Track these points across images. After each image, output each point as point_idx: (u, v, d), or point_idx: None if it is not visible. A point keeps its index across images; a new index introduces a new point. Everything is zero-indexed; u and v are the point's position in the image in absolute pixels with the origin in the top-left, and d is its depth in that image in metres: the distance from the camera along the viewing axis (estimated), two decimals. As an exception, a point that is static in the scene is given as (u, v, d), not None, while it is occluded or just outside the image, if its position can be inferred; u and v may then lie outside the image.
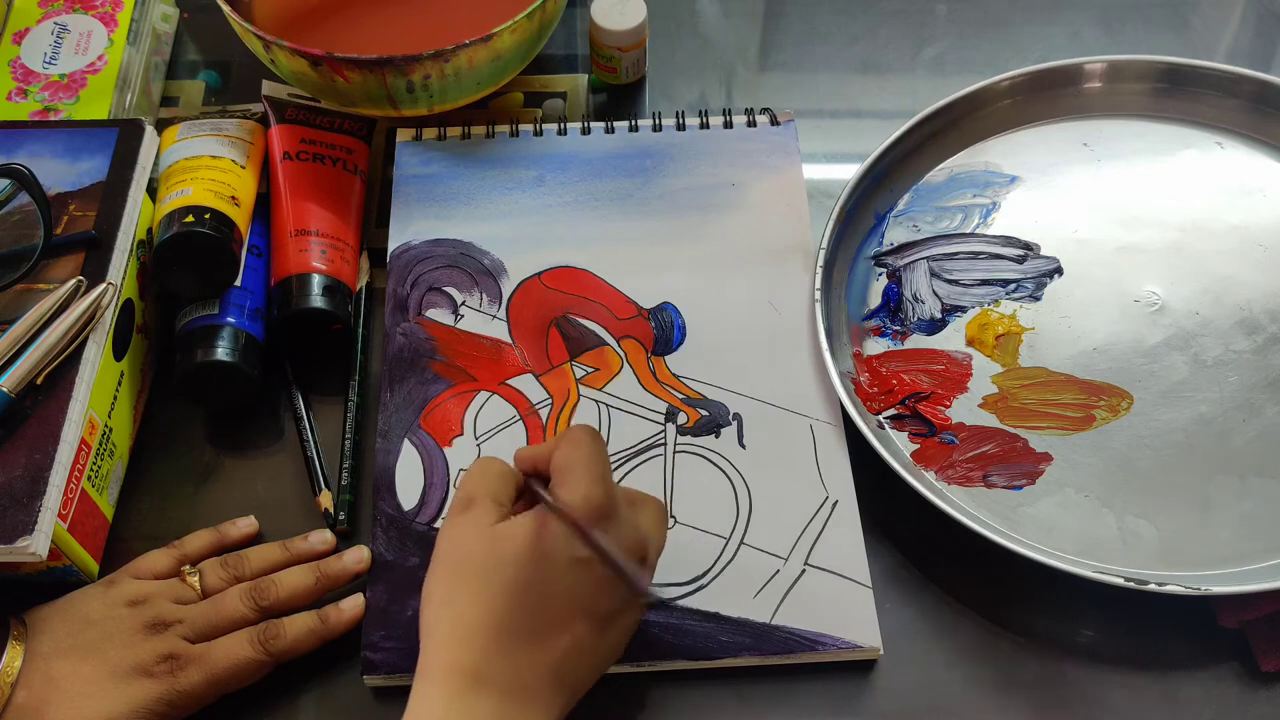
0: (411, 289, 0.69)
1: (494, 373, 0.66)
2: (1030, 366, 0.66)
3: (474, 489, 0.52)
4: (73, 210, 0.63)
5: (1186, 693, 0.57)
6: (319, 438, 0.65)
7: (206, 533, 0.61)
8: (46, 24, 0.76)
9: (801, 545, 0.60)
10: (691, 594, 0.59)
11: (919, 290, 0.69)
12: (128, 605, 0.56)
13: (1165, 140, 0.74)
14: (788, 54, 0.83)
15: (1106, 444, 0.63)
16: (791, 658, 0.57)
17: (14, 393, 0.57)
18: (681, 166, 0.73)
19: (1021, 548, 0.58)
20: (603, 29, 0.76)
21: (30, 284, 0.61)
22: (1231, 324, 0.67)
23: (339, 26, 0.76)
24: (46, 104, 0.72)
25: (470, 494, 0.52)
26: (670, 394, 0.65)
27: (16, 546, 0.54)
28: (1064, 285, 0.69)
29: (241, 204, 0.66)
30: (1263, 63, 0.81)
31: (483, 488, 0.52)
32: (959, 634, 0.59)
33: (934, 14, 0.85)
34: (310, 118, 0.73)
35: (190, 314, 0.64)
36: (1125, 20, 0.84)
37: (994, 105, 0.75)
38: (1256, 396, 0.64)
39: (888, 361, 0.67)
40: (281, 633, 0.56)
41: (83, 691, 0.53)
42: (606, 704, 0.57)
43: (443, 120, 0.75)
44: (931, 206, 0.72)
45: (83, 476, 0.58)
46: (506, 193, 0.73)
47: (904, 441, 0.64)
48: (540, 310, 0.68)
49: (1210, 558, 0.60)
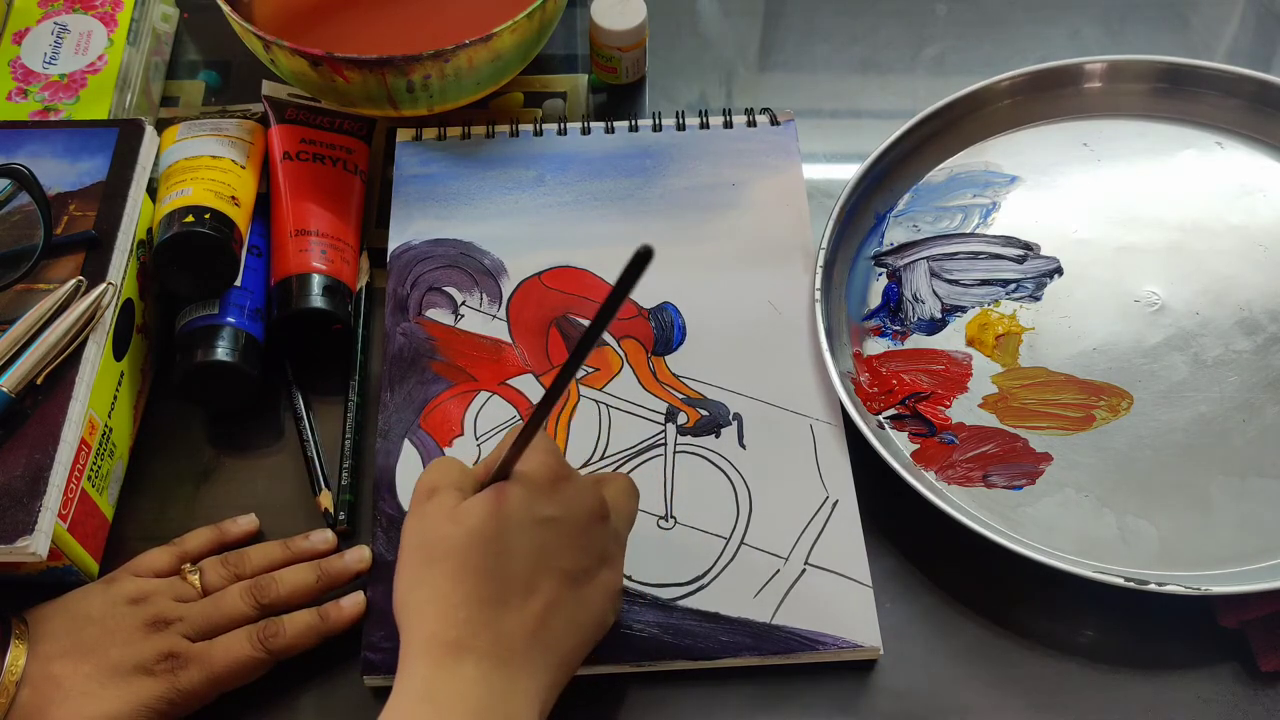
0: (411, 289, 0.69)
1: (494, 373, 0.66)
2: (1030, 366, 0.66)
3: (435, 480, 0.52)
4: (73, 210, 0.63)
5: (1187, 693, 0.58)
6: (319, 438, 0.65)
7: (207, 530, 0.61)
8: (46, 24, 0.76)
9: (801, 545, 0.60)
10: (692, 594, 0.59)
11: (919, 290, 0.69)
12: (128, 603, 0.56)
13: (1165, 140, 0.74)
14: (788, 54, 0.83)
15: (1106, 444, 0.63)
16: (791, 658, 0.57)
17: (14, 393, 0.57)
18: (681, 166, 0.73)
19: (1022, 548, 0.58)
20: (603, 29, 0.76)
21: (30, 284, 0.61)
22: (1231, 324, 0.67)
23: (339, 26, 0.76)
24: (46, 104, 0.72)
25: (432, 484, 0.52)
26: (670, 394, 0.65)
27: (16, 546, 0.54)
28: (1064, 285, 0.69)
29: (241, 204, 0.66)
30: (1263, 63, 0.81)
31: (444, 478, 0.52)
32: (959, 634, 0.59)
33: (934, 14, 0.85)
34: (310, 118, 0.73)
35: (190, 314, 0.64)
36: (1125, 20, 0.84)
37: (994, 105, 0.75)
38: (1256, 396, 0.64)
39: (888, 361, 0.67)
40: (281, 630, 0.56)
41: (84, 690, 0.53)
42: (607, 704, 0.57)
43: (443, 120, 0.75)
44: (931, 206, 0.72)
45: (83, 476, 0.58)
46: (506, 193, 0.73)
47: (904, 441, 0.64)
48: (540, 310, 0.68)
49: (1210, 558, 0.60)
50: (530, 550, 0.50)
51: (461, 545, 0.49)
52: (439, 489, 0.52)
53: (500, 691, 0.48)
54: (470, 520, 0.50)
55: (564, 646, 0.51)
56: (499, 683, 0.48)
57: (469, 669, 0.48)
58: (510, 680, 0.49)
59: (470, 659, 0.48)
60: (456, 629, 0.48)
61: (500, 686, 0.48)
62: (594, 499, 0.52)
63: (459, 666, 0.48)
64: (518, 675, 0.49)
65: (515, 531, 0.50)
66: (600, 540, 0.53)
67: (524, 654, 0.49)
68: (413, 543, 0.51)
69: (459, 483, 0.52)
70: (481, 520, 0.50)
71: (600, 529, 0.53)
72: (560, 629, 0.51)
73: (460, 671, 0.48)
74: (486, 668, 0.48)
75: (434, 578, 0.50)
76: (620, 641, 0.57)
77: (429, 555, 0.50)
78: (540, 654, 0.50)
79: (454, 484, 0.52)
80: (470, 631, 0.48)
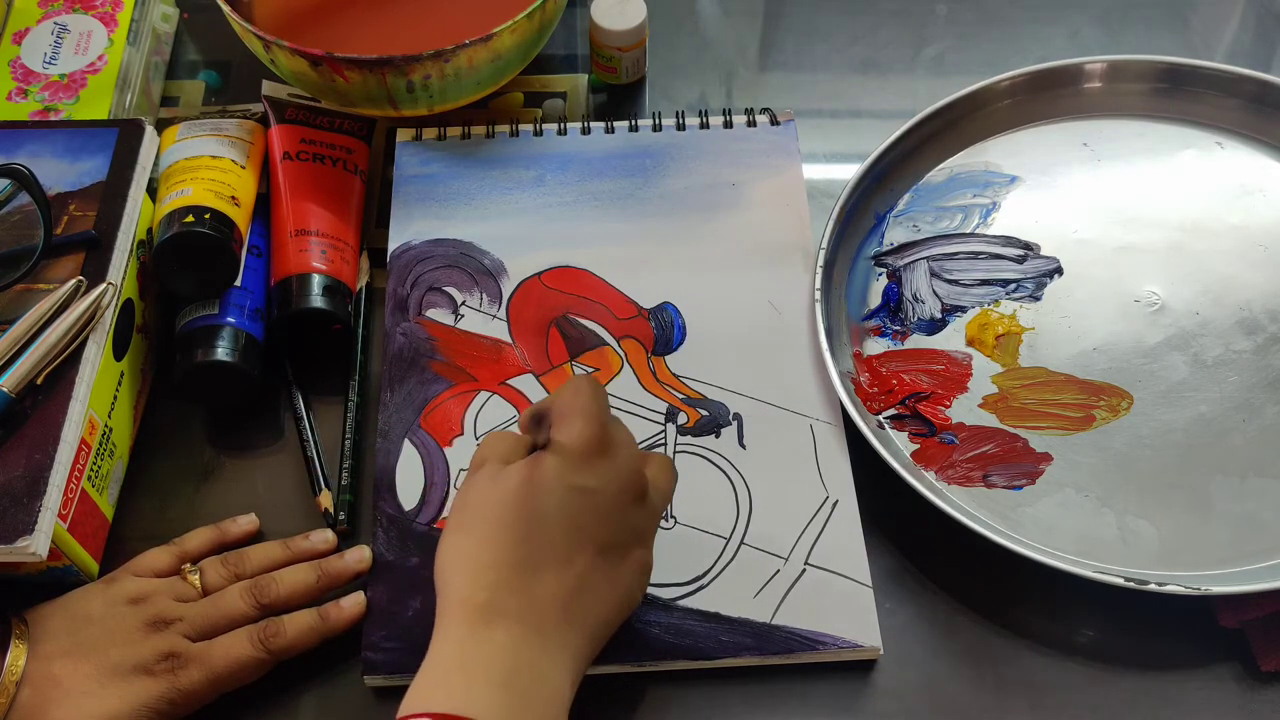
0: (411, 289, 0.69)
1: (494, 373, 0.66)
2: (1030, 366, 0.66)
3: (485, 453, 0.54)
4: (73, 210, 0.63)
5: (1186, 693, 0.57)
6: (319, 438, 0.65)
7: (207, 530, 0.61)
8: (46, 24, 0.76)
9: (802, 545, 0.60)
10: (692, 594, 0.59)
11: (919, 290, 0.69)
12: (128, 603, 0.56)
13: (1165, 140, 0.74)
14: (788, 54, 0.83)
15: (1106, 444, 0.63)
16: (792, 658, 0.57)
17: (14, 393, 0.57)
18: (681, 166, 0.73)
19: (1021, 548, 0.58)
20: (603, 29, 0.76)
21: (30, 284, 0.61)
22: (1231, 324, 0.67)
23: (339, 26, 0.76)
24: (46, 104, 0.72)
25: (481, 458, 0.54)
26: (670, 394, 0.65)
27: (16, 546, 0.54)
28: (1064, 285, 0.69)
29: (241, 204, 0.66)
30: (1263, 63, 0.81)
31: (492, 451, 0.54)
32: (959, 634, 0.59)
33: (934, 14, 0.85)
34: (310, 118, 0.73)
35: (190, 314, 0.64)
36: (1125, 20, 0.84)
37: (994, 105, 0.75)
38: (1256, 396, 0.64)
39: (888, 361, 0.67)
40: (281, 630, 0.56)
41: (84, 690, 0.53)
42: (607, 704, 0.57)
43: (443, 120, 0.75)
44: (931, 206, 0.72)
45: (83, 476, 0.58)
46: (506, 193, 0.73)
47: (904, 441, 0.64)
48: (540, 310, 0.68)
49: (1210, 558, 0.60)
50: (564, 519, 0.50)
51: (495, 510, 0.50)
52: (485, 460, 0.53)
53: (530, 658, 0.48)
54: (505, 485, 0.51)
55: (594, 619, 0.52)
56: (529, 650, 0.49)
57: (500, 634, 0.48)
58: (541, 648, 0.49)
59: (501, 624, 0.48)
60: (487, 591, 0.49)
61: (530, 654, 0.48)
62: (633, 475, 0.53)
63: (490, 631, 0.48)
64: (548, 643, 0.49)
65: (549, 499, 0.50)
66: (636, 517, 0.53)
67: (555, 623, 0.50)
68: (455, 510, 0.53)
69: (504, 454, 0.53)
70: (516, 485, 0.50)
71: (637, 505, 0.53)
72: (591, 601, 0.51)
73: (491, 636, 0.48)
74: (517, 634, 0.48)
75: (467, 541, 0.51)
76: (620, 641, 0.57)
77: (465, 520, 0.51)
78: (571, 624, 0.50)
79: (500, 455, 0.53)
80: (501, 595, 0.49)
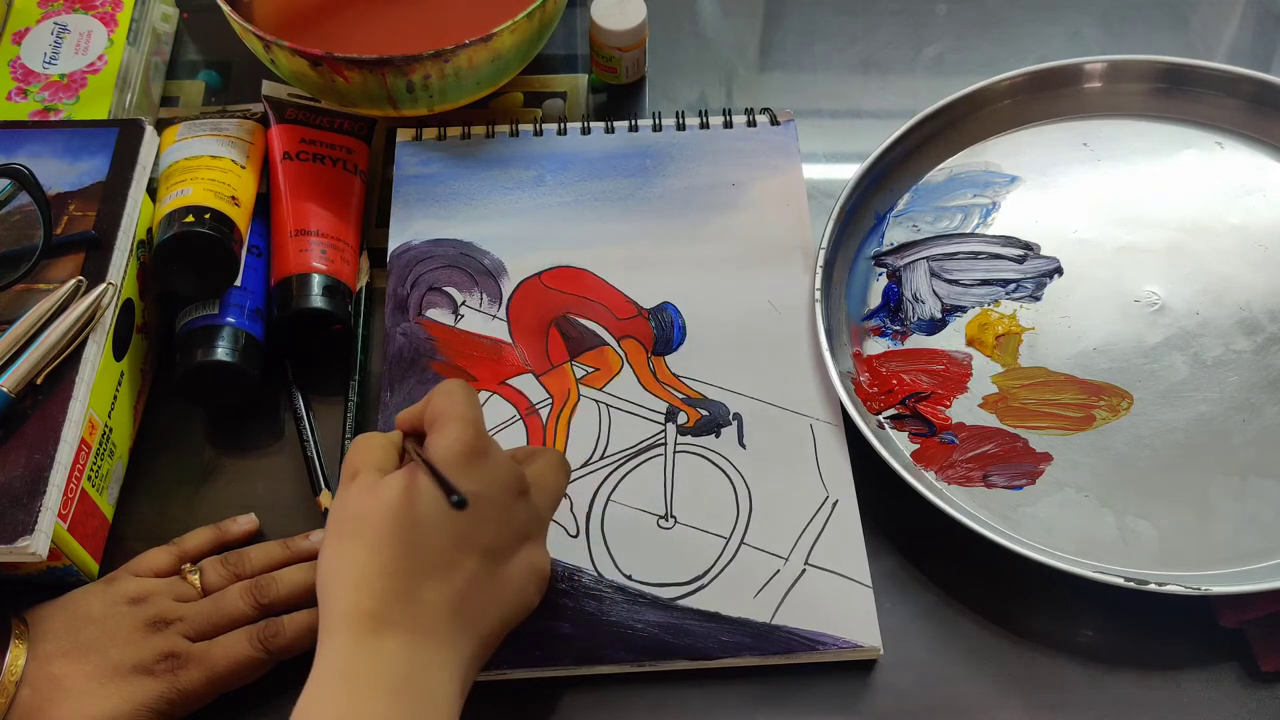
0: (411, 289, 0.69)
1: (494, 373, 0.66)
2: (1030, 366, 0.66)
3: (357, 462, 0.53)
4: (73, 210, 0.63)
5: (1186, 693, 0.57)
6: (319, 438, 0.65)
7: (207, 530, 0.61)
8: (46, 24, 0.76)
9: (802, 545, 0.60)
10: (691, 594, 0.59)
11: (919, 290, 0.69)
12: (128, 603, 0.56)
13: (1165, 140, 0.74)
14: (788, 54, 0.83)
15: (1106, 444, 0.63)
16: (791, 658, 0.57)
17: (14, 393, 0.57)
18: (681, 166, 0.73)
19: (1021, 548, 0.58)
20: (603, 29, 0.76)
21: (30, 284, 0.61)
22: (1231, 324, 0.67)
23: (339, 26, 0.76)
24: (46, 104, 0.72)
25: (355, 467, 0.53)
26: (670, 394, 0.65)
27: (16, 546, 0.54)
28: (1064, 285, 0.69)
29: (241, 204, 0.66)
30: (1263, 63, 0.81)
31: (366, 459, 0.53)
32: (959, 634, 0.59)
33: (934, 14, 0.85)
34: (310, 118, 0.73)
35: (190, 314, 0.64)
36: (1125, 20, 0.84)
37: (994, 105, 0.75)
38: (1256, 396, 0.64)
39: (888, 361, 0.67)
40: (281, 630, 0.56)
41: (84, 690, 0.53)
42: (607, 704, 0.57)
43: (443, 120, 0.75)
44: (931, 206, 0.72)
45: (83, 476, 0.58)
46: (506, 193, 0.73)
47: (904, 441, 0.64)
48: (540, 310, 0.68)
49: (1210, 558, 0.60)
50: (447, 525, 0.50)
51: (377, 519, 0.50)
52: (360, 470, 0.52)
53: (420, 666, 0.48)
54: (385, 496, 0.50)
55: (485, 623, 0.51)
56: (419, 657, 0.48)
57: (388, 643, 0.48)
58: (431, 655, 0.49)
59: (389, 633, 0.48)
60: (374, 599, 0.49)
61: (420, 661, 0.48)
62: (511, 475, 0.52)
63: (378, 641, 0.48)
64: (438, 650, 0.49)
65: (430, 506, 0.50)
66: (520, 516, 0.53)
67: (445, 629, 0.49)
68: (334, 520, 0.52)
69: (379, 462, 0.52)
70: (397, 494, 0.50)
71: (519, 505, 0.53)
72: (481, 605, 0.51)
73: (379, 646, 0.48)
74: (405, 641, 0.48)
75: (352, 550, 0.50)
76: (621, 641, 0.57)
77: (347, 530, 0.51)
78: (461, 629, 0.50)
79: (375, 464, 0.52)
80: (387, 602, 0.49)
